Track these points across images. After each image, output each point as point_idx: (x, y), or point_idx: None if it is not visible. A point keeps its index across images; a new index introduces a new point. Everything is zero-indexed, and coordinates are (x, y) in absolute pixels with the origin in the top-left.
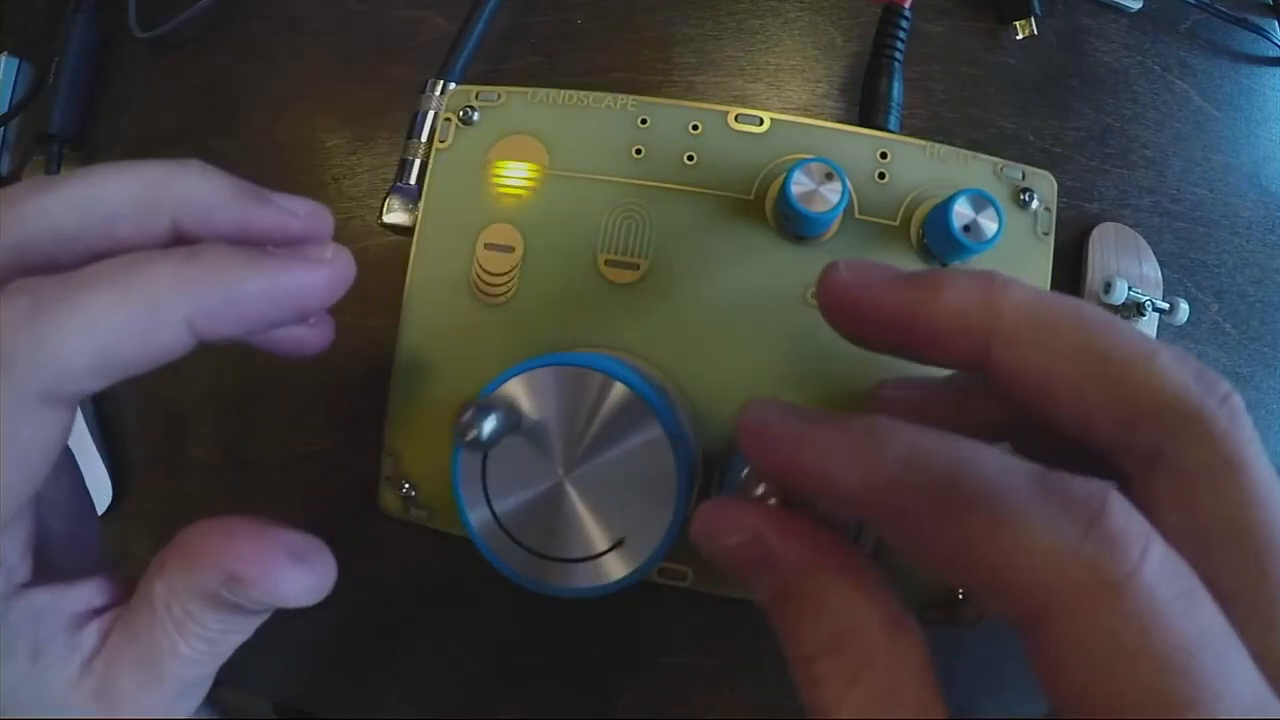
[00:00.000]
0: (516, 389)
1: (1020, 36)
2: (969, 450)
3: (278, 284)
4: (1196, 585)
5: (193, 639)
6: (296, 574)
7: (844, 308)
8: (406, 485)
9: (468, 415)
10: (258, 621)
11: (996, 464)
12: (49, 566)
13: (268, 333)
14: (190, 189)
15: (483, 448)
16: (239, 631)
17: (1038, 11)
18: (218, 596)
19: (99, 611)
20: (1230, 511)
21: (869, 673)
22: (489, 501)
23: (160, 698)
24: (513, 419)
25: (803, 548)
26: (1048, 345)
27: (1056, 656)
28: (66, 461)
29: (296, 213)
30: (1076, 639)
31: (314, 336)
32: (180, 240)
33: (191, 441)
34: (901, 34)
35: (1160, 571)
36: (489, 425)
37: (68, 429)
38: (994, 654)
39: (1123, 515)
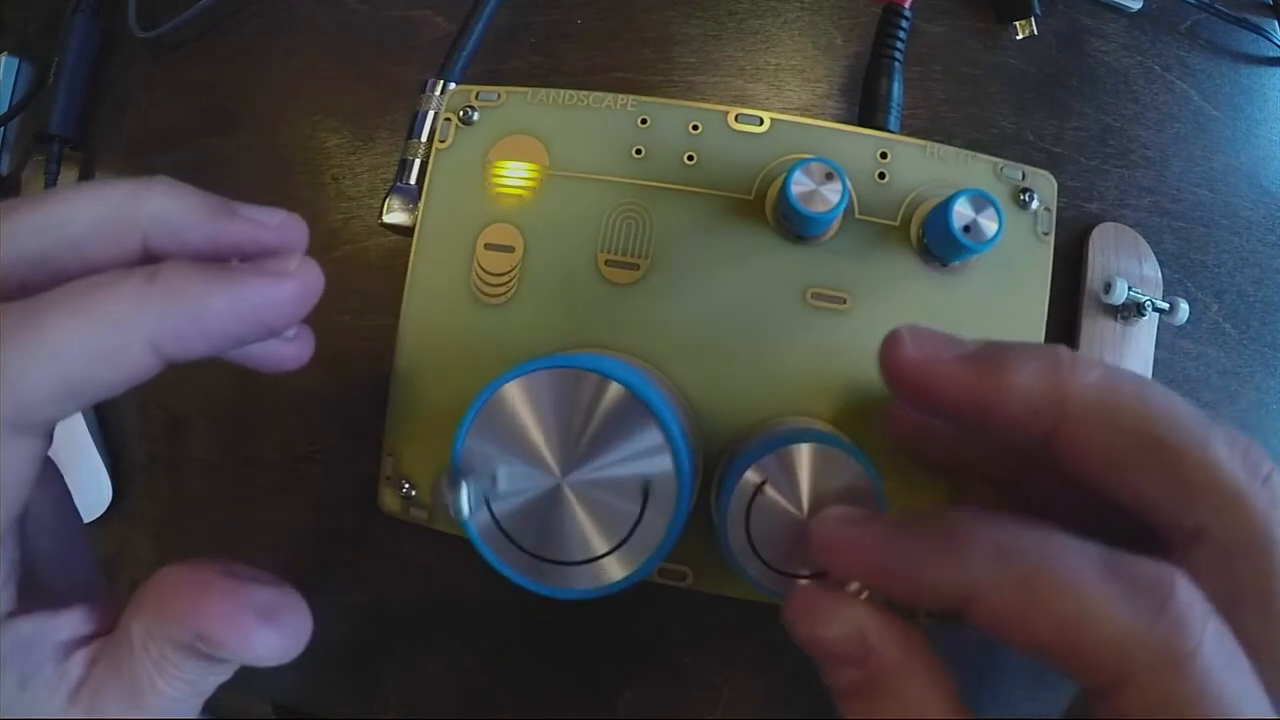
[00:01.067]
0: (511, 394)
1: (1020, 36)
2: (1046, 541)
3: (242, 300)
4: (1238, 650)
5: (172, 680)
6: (264, 636)
7: (908, 384)
8: (406, 485)
9: (443, 492)
10: (236, 666)
11: (1072, 552)
12: (38, 587)
13: (243, 350)
14: (159, 207)
15: (470, 518)
16: (218, 674)
17: (1038, 11)
18: (191, 647)
19: (87, 639)
20: (1261, 581)
21: None
22: (489, 502)
23: None
24: (485, 479)
25: (896, 648)
26: (1112, 429)
27: (1129, 718)
28: (53, 480)
29: (268, 224)
30: (1150, 705)
31: (292, 351)
32: (151, 258)
33: (191, 441)
34: (901, 34)
35: (1216, 644)
36: (464, 501)
37: (41, 455)
38: (994, 654)
39: (1188, 596)
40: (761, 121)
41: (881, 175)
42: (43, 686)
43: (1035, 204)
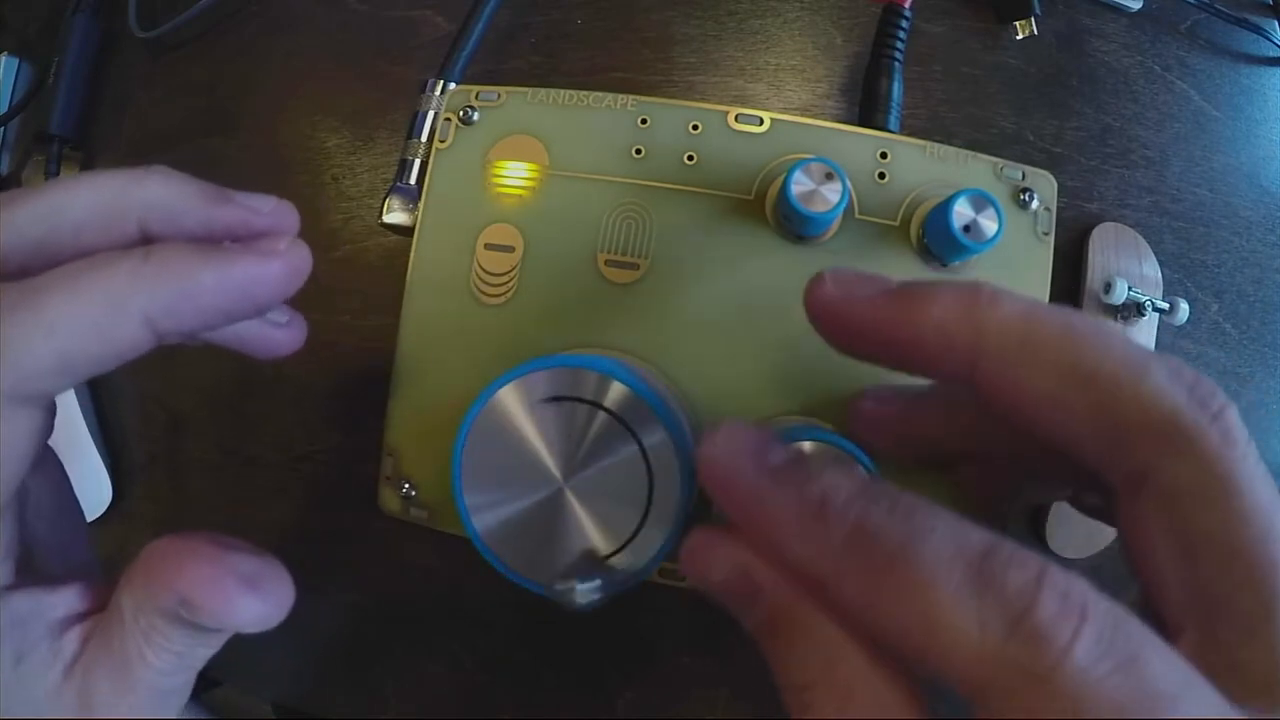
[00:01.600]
0: (512, 396)
1: (1020, 36)
2: (916, 528)
3: (230, 276)
4: (1141, 646)
5: (160, 651)
6: (246, 601)
7: (829, 320)
8: (406, 485)
9: (561, 585)
10: (224, 638)
11: (941, 545)
12: (34, 571)
13: (237, 331)
14: (155, 193)
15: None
16: (205, 646)
17: (1038, 11)
18: (177, 615)
19: (81, 617)
20: (1220, 530)
21: (857, 701)
22: (490, 502)
23: (136, 703)
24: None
25: (787, 580)
26: (1034, 362)
27: None
28: (52, 468)
29: (260, 210)
30: None
31: (286, 336)
32: (149, 243)
33: (191, 441)
34: (901, 34)
35: (1093, 651)
36: (588, 593)
37: (42, 429)
38: None
39: (1053, 604)
40: (761, 121)
41: (881, 175)
42: (37, 663)
43: (1035, 204)
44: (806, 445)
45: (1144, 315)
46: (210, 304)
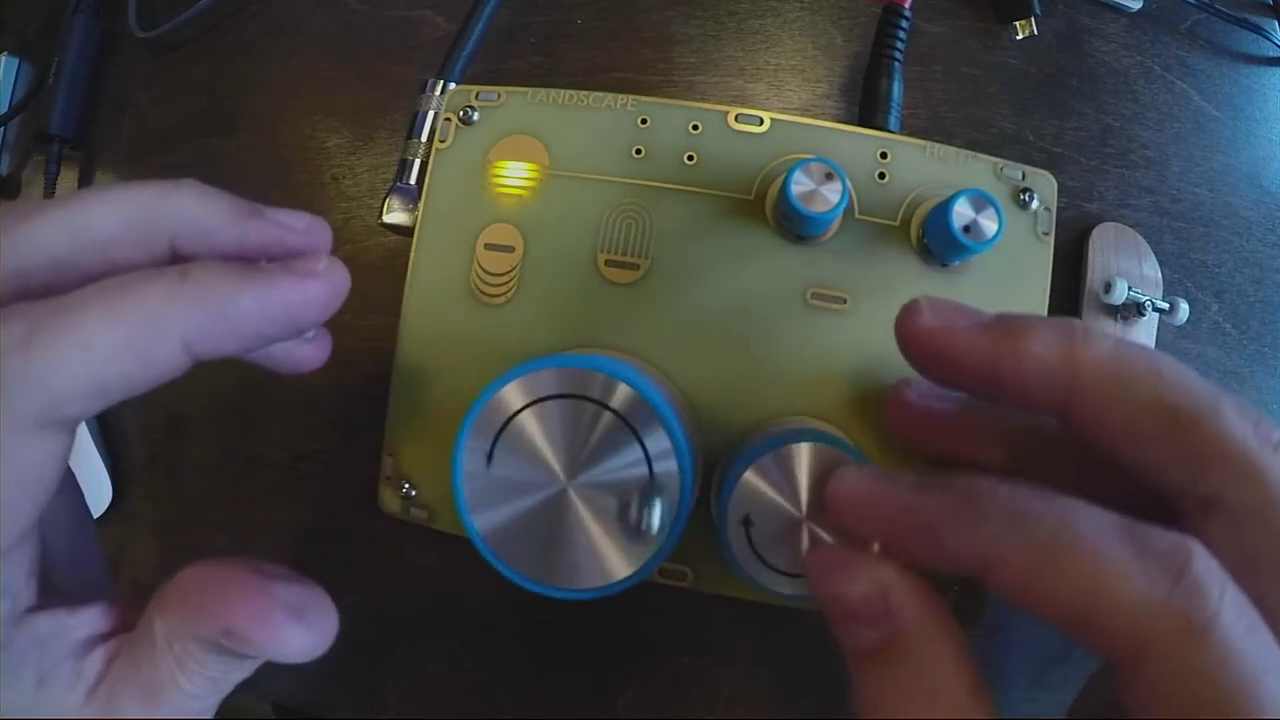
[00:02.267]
0: (518, 392)
1: (1020, 36)
2: (1064, 508)
3: (269, 298)
4: (1258, 619)
5: (194, 676)
6: (293, 632)
7: (925, 351)
8: (406, 485)
9: (634, 501)
10: (259, 662)
11: (1090, 519)
12: (52, 588)
13: (264, 351)
14: (186, 209)
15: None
16: (240, 671)
17: (1038, 11)
18: (216, 643)
19: (104, 638)
20: (1277, 548)
21: None
22: (490, 502)
23: None
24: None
25: (919, 609)
26: (1125, 398)
27: (1150, 690)
28: (67, 481)
29: (294, 227)
30: (1170, 675)
31: (311, 352)
32: (178, 260)
33: (191, 441)
34: (901, 34)
35: (1235, 612)
36: (657, 516)
37: (68, 452)
38: (996, 653)
39: (1204, 565)
40: (761, 121)
41: (881, 175)
42: (60, 684)
43: (1035, 204)
44: (807, 446)
45: (1144, 315)
46: (248, 327)
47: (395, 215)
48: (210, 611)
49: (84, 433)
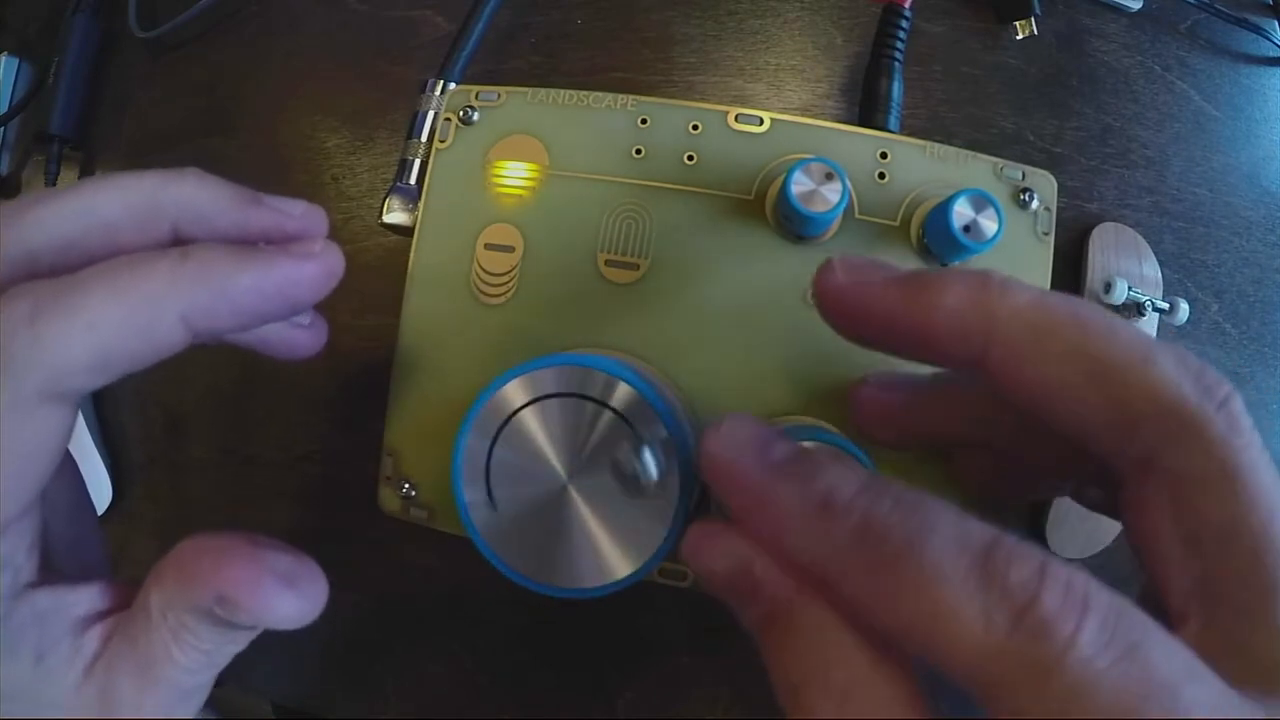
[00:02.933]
0: (518, 392)
1: (1020, 36)
2: (920, 524)
3: (267, 278)
4: (1144, 635)
5: (188, 649)
6: (285, 599)
7: (839, 308)
8: (406, 485)
9: (624, 454)
10: (253, 635)
11: (945, 541)
12: (52, 570)
13: (262, 334)
14: (188, 196)
15: (646, 489)
16: (233, 643)
17: (1038, 11)
18: (210, 613)
19: (102, 615)
20: (1225, 517)
21: (855, 701)
22: (490, 502)
23: (158, 702)
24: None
25: (788, 577)
26: (1044, 349)
27: None
28: (66, 464)
29: (292, 213)
30: (1019, 714)
31: (308, 338)
32: (180, 244)
33: (191, 441)
34: (901, 34)
35: (1096, 641)
36: (650, 464)
37: (70, 427)
38: None
39: (1056, 597)
40: (761, 121)
41: (881, 175)
42: (58, 660)
43: (1035, 204)
44: (807, 445)
45: (1144, 315)
46: (247, 305)
47: (395, 215)
48: (204, 579)
49: (84, 433)
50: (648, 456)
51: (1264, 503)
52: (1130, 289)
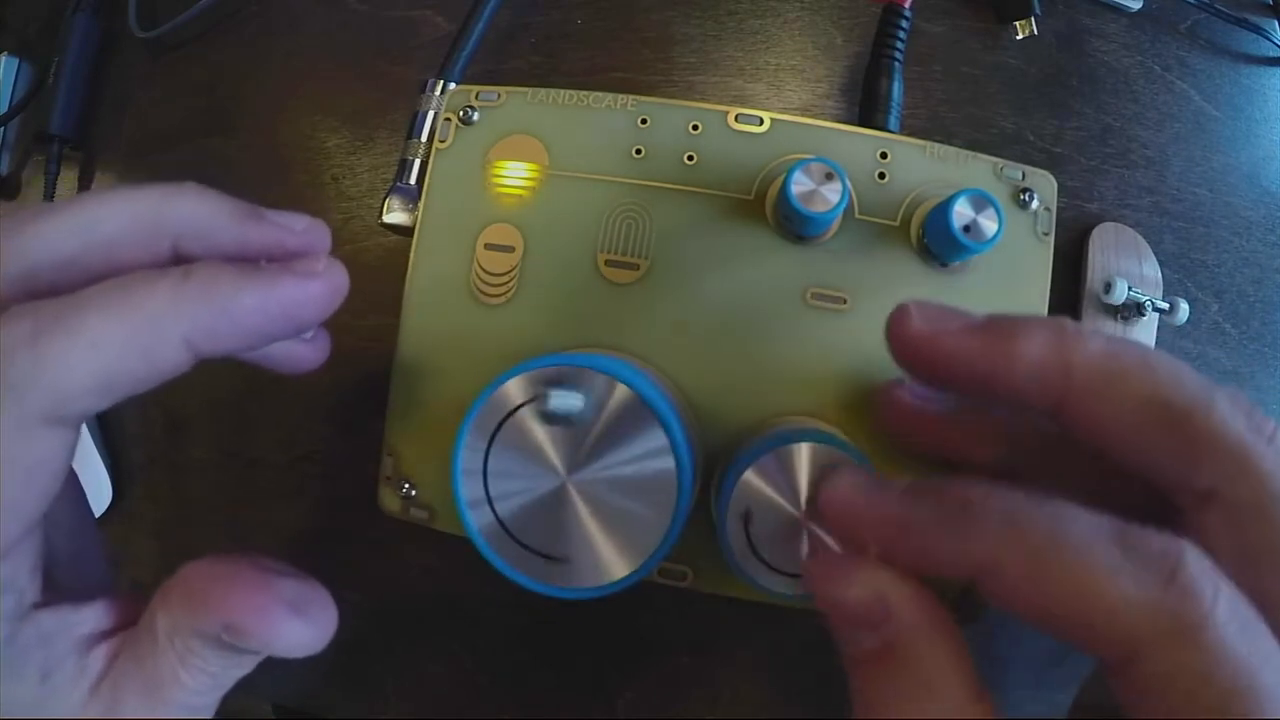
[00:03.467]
0: (518, 389)
1: (1020, 36)
2: (1056, 513)
3: (271, 298)
4: (1253, 615)
5: (195, 672)
6: (293, 627)
7: (916, 356)
8: (406, 485)
9: (546, 390)
10: (260, 658)
11: (1082, 524)
12: (54, 586)
13: (264, 350)
14: (189, 211)
15: (577, 418)
16: (240, 667)
17: (1038, 11)
18: (217, 639)
19: (106, 634)
20: (1275, 539)
21: None
22: (490, 502)
23: None
24: (582, 407)
25: (919, 612)
26: (1118, 397)
27: (1146, 691)
28: (71, 482)
29: (293, 228)
30: (1164, 676)
31: (310, 352)
32: (180, 261)
33: (191, 441)
34: (901, 34)
35: (1228, 611)
36: (574, 398)
37: (73, 448)
38: (996, 653)
39: (1197, 566)
40: (761, 121)
41: (881, 175)
42: (64, 680)
43: (1035, 204)
44: (807, 446)
45: (1144, 315)
46: (251, 325)
47: (395, 215)
48: (211, 606)
49: (84, 433)
50: (560, 393)
51: None
52: (1130, 289)
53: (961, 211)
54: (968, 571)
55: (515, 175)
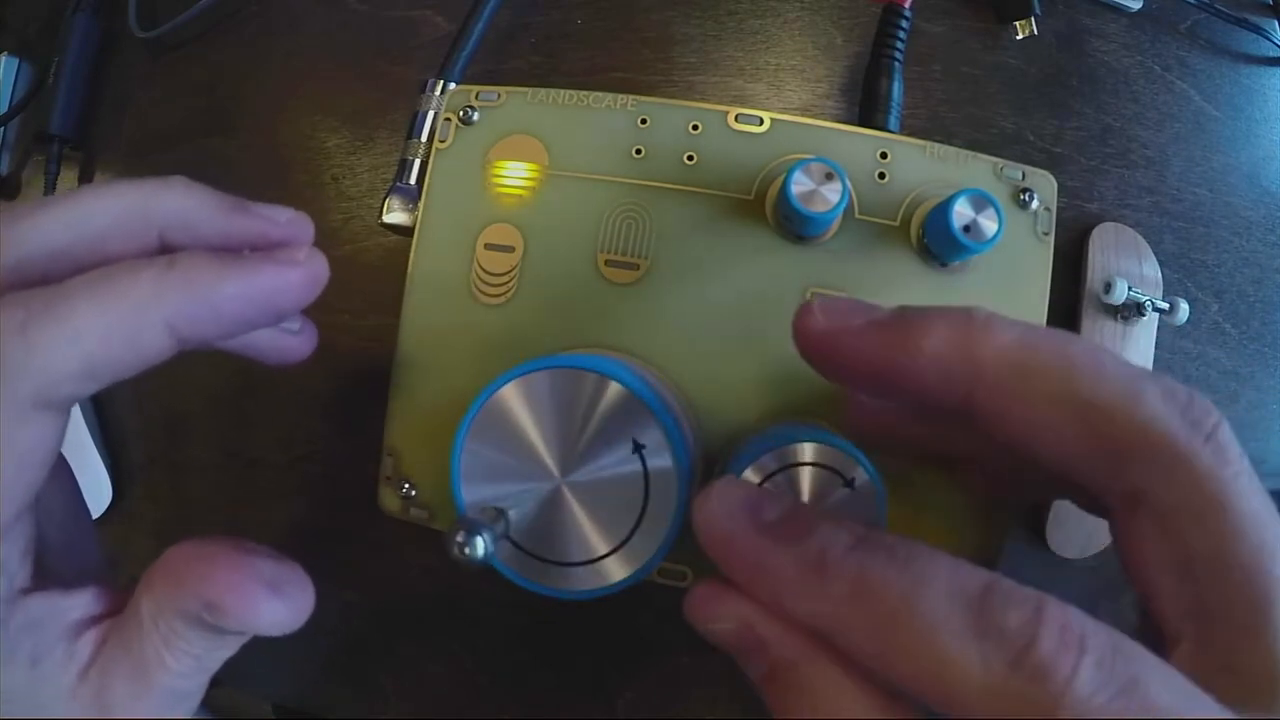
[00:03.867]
0: (510, 394)
1: (1020, 36)
2: (916, 576)
3: (252, 285)
4: (1141, 668)
5: (179, 654)
6: (271, 606)
7: (819, 354)
8: (406, 485)
9: (459, 536)
10: (243, 640)
11: (939, 592)
12: (47, 575)
13: (251, 340)
14: (175, 204)
15: (481, 564)
16: (224, 649)
17: (1038, 11)
18: (199, 619)
19: (96, 620)
20: (1214, 546)
21: None
22: (489, 502)
23: (153, 705)
24: (501, 526)
25: (792, 636)
26: (1029, 390)
27: None
28: (60, 470)
29: (277, 220)
30: None
31: (297, 343)
32: (167, 252)
33: (191, 441)
34: (901, 34)
35: (1094, 680)
36: (480, 546)
37: (61, 433)
38: None
39: (1052, 638)
40: (761, 121)
41: (881, 175)
42: (53, 666)
43: (1035, 204)
44: (807, 446)
45: (1144, 315)
46: (232, 312)
47: (395, 215)
48: (191, 586)
49: (84, 433)
50: (479, 541)
51: (1253, 530)
52: (1130, 289)
53: (961, 211)
54: (817, 630)
55: (515, 175)
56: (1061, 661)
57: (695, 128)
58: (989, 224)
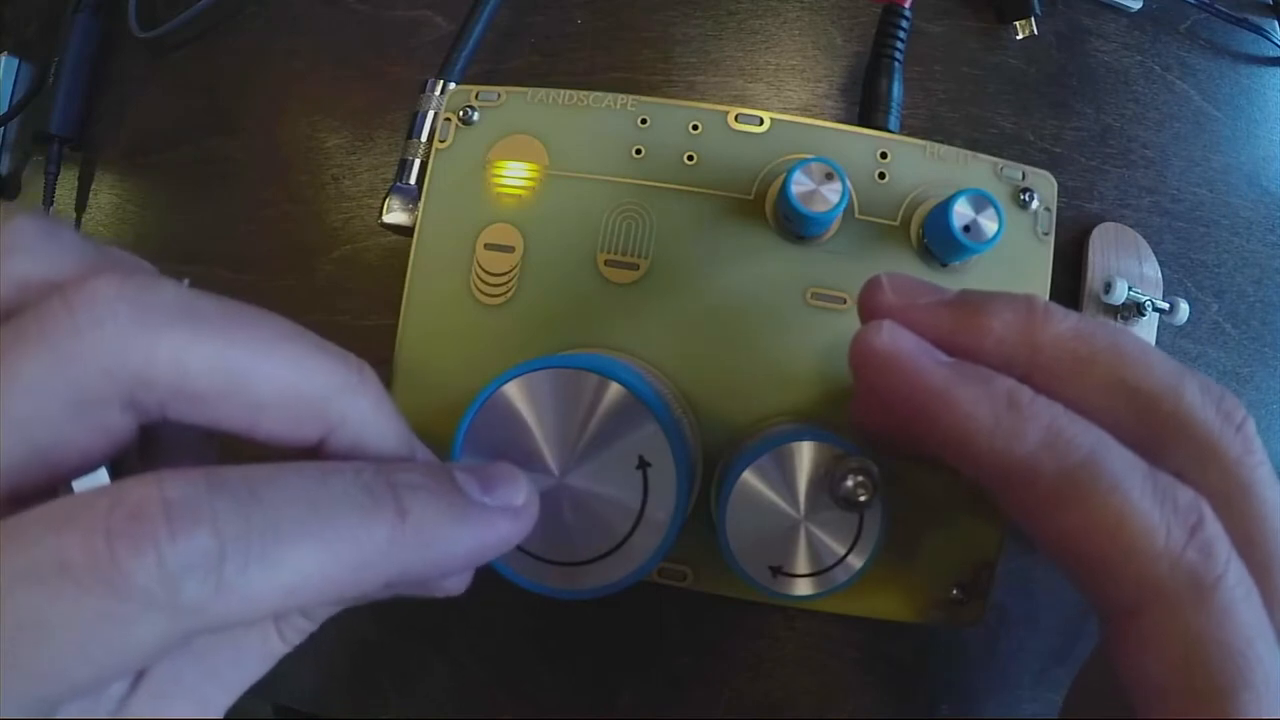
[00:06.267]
0: (510, 394)
1: (1020, 36)
2: (1100, 438)
3: (484, 542)
4: (1253, 584)
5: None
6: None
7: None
8: None
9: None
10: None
11: (1120, 456)
12: None
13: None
14: (358, 417)
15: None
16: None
17: (1038, 11)
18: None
19: None
20: (1240, 528)
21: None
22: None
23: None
24: None
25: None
26: (1084, 378)
27: (1148, 647)
28: None
29: (513, 503)
30: (1170, 633)
31: (458, 584)
32: (321, 450)
33: None
34: (901, 34)
35: (1237, 575)
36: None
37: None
38: (996, 653)
39: (1214, 526)
40: (761, 121)
41: (881, 175)
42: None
43: (1035, 204)
44: (806, 446)
45: (1144, 315)
46: (450, 566)
47: (395, 215)
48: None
49: None
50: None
51: (1272, 514)
52: (1130, 289)
53: (961, 211)
54: (1000, 471)
55: (515, 175)
56: (1222, 545)
57: (695, 128)
58: (989, 224)
